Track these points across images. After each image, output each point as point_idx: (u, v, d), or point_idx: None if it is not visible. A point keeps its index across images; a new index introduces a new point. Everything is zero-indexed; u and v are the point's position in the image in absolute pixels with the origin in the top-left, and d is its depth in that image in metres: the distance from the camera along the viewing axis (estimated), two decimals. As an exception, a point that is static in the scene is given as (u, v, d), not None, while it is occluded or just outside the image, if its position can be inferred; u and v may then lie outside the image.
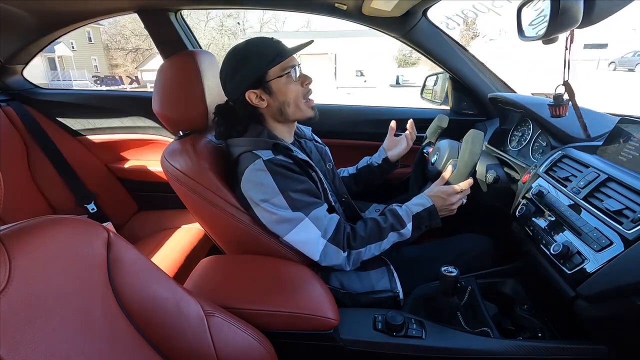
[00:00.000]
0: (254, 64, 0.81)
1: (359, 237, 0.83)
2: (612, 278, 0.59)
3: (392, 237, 0.85)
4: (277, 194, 0.77)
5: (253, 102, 0.85)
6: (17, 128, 1.39)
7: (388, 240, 0.84)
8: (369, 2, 1.11)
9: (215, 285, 0.78)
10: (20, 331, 0.38)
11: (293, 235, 0.80)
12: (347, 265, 0.83)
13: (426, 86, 1.74)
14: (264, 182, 0.78)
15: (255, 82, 0.83)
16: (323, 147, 1.09)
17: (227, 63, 0.85)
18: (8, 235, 0.42)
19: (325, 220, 0.81)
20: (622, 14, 0.71)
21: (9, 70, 1.50)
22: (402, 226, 0.84)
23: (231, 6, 1.43)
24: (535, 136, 1.09)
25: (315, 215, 0.80)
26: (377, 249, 0.84)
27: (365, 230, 0.84)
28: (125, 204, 1.67)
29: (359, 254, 0.83)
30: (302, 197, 0.80)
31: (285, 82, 0.84)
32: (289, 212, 0.78)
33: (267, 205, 0.78)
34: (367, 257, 0.84)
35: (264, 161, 0.79)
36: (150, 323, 0.54)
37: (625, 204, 0.64)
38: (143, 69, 21.81)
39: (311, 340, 0.73)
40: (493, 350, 0.71)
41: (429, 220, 0.86)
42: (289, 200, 0.78)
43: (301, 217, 0.79)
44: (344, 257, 0.81)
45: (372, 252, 0.84)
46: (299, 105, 0.87)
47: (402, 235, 0.85)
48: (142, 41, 24.76)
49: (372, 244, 0.83)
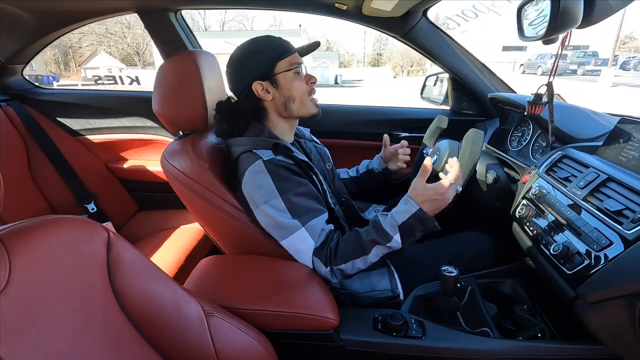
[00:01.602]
0: (263, 56, 0.84)
1: (340, 253, 0.78)
2: (612, 278, 0.59)
3: (378, 250, 0.78)
4: (276, 196, 0.77)
5: (259, 94, 0.85)
6: (17, 128, 1.39)
7: (375, 254, 0.78)
8: (369, 2, 1.11)
9: (215, 285, 0.78)
10: (20, 331, 0.38)
11: (288, 242, 0.80)
12: (334, 278, 0.80)
13: (426, 86, 1.74)
14: (263, 184, 0.77)
15: (263, 74, 0.84)
16: (322, 148, 1.09)
17: (235, 57, 0.86)
18: (8, 235, 0.42)
19: (319, 232, 0.79)
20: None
21: (9, 70, 1.50)
22: (387, 239, 0.76)
23: (231, 6, 1.43)
24: (535, 136, 1.09)
25: (311, 225, 0.78)
26: (362, 263, 0.78)
27: (347, 245, 0.79)
28: (125, 204, 1.67)
29: (341, 270, 0.79)
30: (302, 201, 0.79)
31: (291, 77, 0.86)
32: (287, 218, 0.77)
33: (266, 207, 0.78)
34: (353, 271, 0.80)
35: (263, 162, 0.78)
36: (150, 323, 0.54)
37: (625, 204, 0.64)
38: (87, 66, 21.73)
39: (311, 341, 0.73)
40: (493, 350, 0.71)
41: (422, 226, 0.77)
42: (288, 203, 0.77)
43: (297, 226, 0.78)
44: (327, 272, 0.79)
45: (358, 267, 0.79)
46: (303, 102, 0.88)
47: (391, 247, 0.78)
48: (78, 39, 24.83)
49: (356, 259, 0.78)
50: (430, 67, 26.05)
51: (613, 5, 0.68)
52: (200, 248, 1.38)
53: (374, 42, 41.18)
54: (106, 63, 19.88)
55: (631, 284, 0.56)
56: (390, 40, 37.01)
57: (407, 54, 34.71)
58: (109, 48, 26.03)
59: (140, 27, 1.40)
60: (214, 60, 0.94)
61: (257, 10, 1.55)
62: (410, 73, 30.12)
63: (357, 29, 58.70)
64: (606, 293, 0.60)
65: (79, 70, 23.94)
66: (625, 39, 37.15)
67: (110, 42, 26.40)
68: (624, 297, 0.57)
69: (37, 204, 1.37)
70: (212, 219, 0.88)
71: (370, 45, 41.61)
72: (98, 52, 23.32)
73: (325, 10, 1.31)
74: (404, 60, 35.40)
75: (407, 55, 34.87)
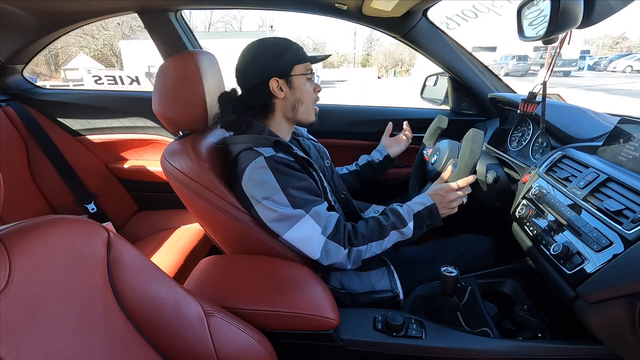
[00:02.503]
0: (288, 55, 0.86)
1: (359, 234, 0.82)
2: (612, 278, 0.59)
3: (393, 236, 0.84)
4: (278, 191, 0.77)
5: (273, 90, 0.86)
6: (17, 128, 1.39)
7: (389, 239, 0.84)
8: (369, 2, 1.11)
9: (215, 285, 0.78)
10: (20, 331, 0.38)
11: (293, 232, 0.79)
12: (348, 263, 0.82)
13: (426, 86, 1.74)
14: (266, 180, 0.78)
15: (283, 73, 0.86)
16: (320, 146, 1.10)
17: (256, 50, 0.87)
18: (8, 235, 0.42)
19: (325, 217, 0.80)
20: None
21: (9, 70, 1.50)
22: (404, 225, 0.84)
23: (231, 6, 1.43)
24: (535, 136, 1.09)
25: (316, 212, 0.79)
26: (378, 247, 0.84)
27: (366, 228, 0.84)
28: (125, 204, 1.67)
29: (359, 252, 0.82)
30: (302, 195, 0.80)
31: (305, 82, 0.89)
32: (289, 209, 0.78)
33: (268, 202, 0.78)
34: (368, 255, 0.83)
35: (265, 158, 0.79)
36: (150, 323, 0.54)
37: (625, 204, 0.64)
38: (66, 67, 21.55)
39: (311, 341, 0.73)
40: (493, 350, 0.71)
41: (430, 219, 0.86)
42: (289, 197, 0.78)
43: (302, 214, 0.78)
44: (344, 255, 0.80)
45: (373, 251, 0.83)
46: (309, 108, 0.92)
47: (404, 234, 0.84)
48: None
49: (373, 242, 0.83)
50: (414, 68, 26.18)
51: (613, 5, 0.68)
52: (200, 248, 1.38)
53: (363, 42, 41.35)
54: (85, 64, 19.57)
55: (631, 284, 0.56)
56: (379, 40, 37.44)
57: (390, 54, 35.25)
58: (83, 49, 25.70)
59: (114, 28, 1.40)
60: (214, 60, 0.94)
61: (257, 10, 1.55)
62: (397, 74, 30.16)
63: (347, 29, 58.35)
64: (606, 293, 0.60)
65: (58, 71, 23.72)
66: (618, 39, 37.30)
67: (82, 43, 26.02)
68: (624, 297, 0.57)
69: (37, 204, 1.37)
70: (212, 219, 0.88)
71: (361, 46, 41.75)
72: (77, 53, 23.12)
73: (325, 10, 1.31)
74: (387, 60, 35.76)
75: (390, 55, 35.35)
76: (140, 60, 17.45)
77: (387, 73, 32.52)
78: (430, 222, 0.86)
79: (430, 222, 0.86)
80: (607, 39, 37.16)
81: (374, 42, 39.06)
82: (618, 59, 19.99)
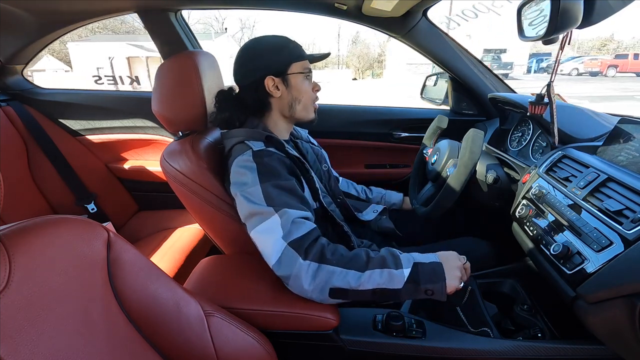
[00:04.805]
0: (284, 53, 0.86)
1: (338, 254, 0.70)
2: (612, 278, 0.59)
3: (377, 276, 0.68)
4: (256, 184, 0.73)
5: (269, 88, 0.86)
6: (17, 128, 1.39)
7: (372, 277, 0.67)
8: (369, 2, 1.12)
9: (215, 285, 0.78)
10: (20, 331, 0.38)
11: (257, 231, 0.71)
12: (307, 281, 0.67)
13: (426, 86, 1.74)
14: (247, 172, 0.75)
15: (278, 71, 0.85)
16: (319, 149, 1.09)
17: (252, 48, 0.87)
18: (8, 235, 0.42)
19: (294, 223, 0.70)
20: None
21: (9, 70, 1.50)
22: (397, 267, 0.68)
23: (231, 6, 1.43)
24: (535, 136, 1.09)
25: (286, 214, 0.70)
26: (355, 280, 0.67)
27: (348, 252, 0.72)
28: (125, 204, 1.67)
29: (330, 273, 0.67)
30: (279, 194, 0.73)
31: (302, 81, 0.88)
32: (261, 206, 0.71)
33: (244, 195, 0.74)
34: (339, 283, 0.67)
35: (252, 151, 0.78)
36: (150, 323, 0.54)
37: (625, 204, 0.64)
38: (34, 69, 21.04)
39: (311, 341, 0.73)
40: (493, 350, 0.71)
41: (432, 281, 0.68)
42: (265, 193, 0.72)
43: (270, 212, 0.70)
44: (303, 267, 0.67)
45: (347, 281, 0.67)
46: (307, 106, 0.91)
47: (392, 279, 0.67)
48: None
49: (351, 270, 0.68)
50: (386, 70, 26.11)
51: (613, 5, 0.68)
52: (200, 248, 1.38)
53: (347, 44, 41.55)
54: (52, 65, 19.21)
55: (631, 284, 0.56)
56: (355, 43, 37.79)
57: (363, 56, 36.70)
58: (49, 50, 25.48)
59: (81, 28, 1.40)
60: (214, 61, 0.94)
61: (257, 10, 1.55)
62: (375, 75, 30.35)
63: (332, 30, 57.75)
64: (606, 293, 0.60)
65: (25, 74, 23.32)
66: (606, 40, 37.30)
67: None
68: (624, 297, 0.57)
69: (37, 204, 1.37)
70: (211, 219, 0.88)
71: (345, 47, 41.89)
72: (43, 55, 22.70)
73: (325, 10, 1.31)
74: (360, 63, 36.66)
75: (363, 58, 36.66)
76: (89, 62, 17.05)
77: (362, 75, 33.18)
78: (431, 287, 0.68)
79: (432, 288, 0.68)
80: (595, 41, 37.39)
81: (358, 44, 39.48)
82: (568, 61, 19.34)
